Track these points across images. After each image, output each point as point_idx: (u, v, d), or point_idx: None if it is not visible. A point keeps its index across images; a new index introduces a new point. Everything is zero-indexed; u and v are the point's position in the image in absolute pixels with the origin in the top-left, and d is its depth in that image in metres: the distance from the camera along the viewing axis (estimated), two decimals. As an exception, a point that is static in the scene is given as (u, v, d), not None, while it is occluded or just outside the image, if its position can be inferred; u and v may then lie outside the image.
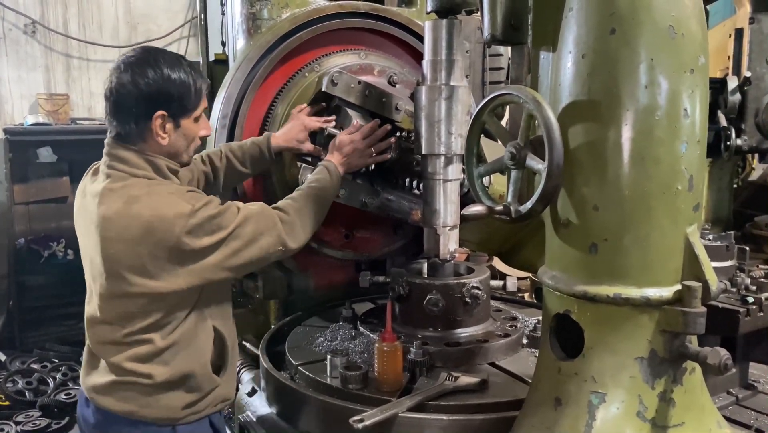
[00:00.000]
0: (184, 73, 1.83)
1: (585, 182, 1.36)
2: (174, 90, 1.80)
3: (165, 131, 1.82)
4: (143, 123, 1.80)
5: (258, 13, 2.51)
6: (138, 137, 1.81)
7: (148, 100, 1.78)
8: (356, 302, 2.49)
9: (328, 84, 2.23)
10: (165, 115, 1.80)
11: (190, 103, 1.85)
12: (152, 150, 1.83)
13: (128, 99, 1.77)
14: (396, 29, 2.67)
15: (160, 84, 1.78)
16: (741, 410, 1.80)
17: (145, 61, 1.80)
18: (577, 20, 1.37)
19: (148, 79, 1.77)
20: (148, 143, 1.82)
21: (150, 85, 1.77)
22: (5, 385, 4.62)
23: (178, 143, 1.86)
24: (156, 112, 1.79)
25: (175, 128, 1.84)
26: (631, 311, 1.34)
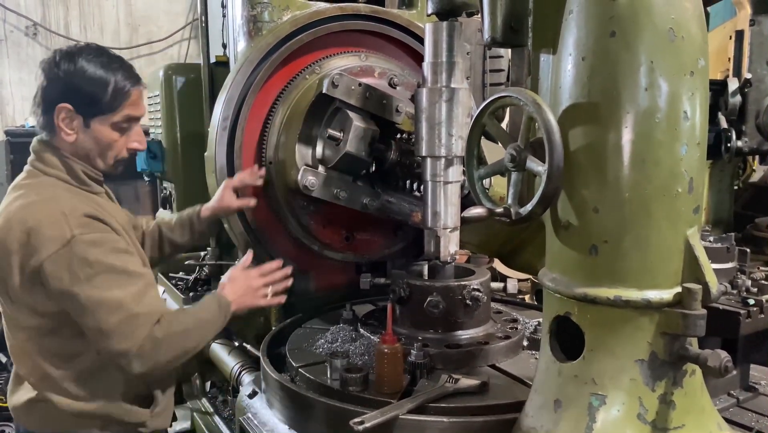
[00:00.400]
0: (104, 71, 1.74)
1: (585, 184, 1.36)
2: (84, 85, 1.73)
3: (71, 128, 1.75)
4: (49, 114, 1.75)
5: (259, 16, 2.52)
6: (47, 129, 1.78)
7: (54, 90, 1.73)
8: (357, 303, 2.49)
9: (329, 86, 2.23)
10: (69, 110, 1.74)
11: (103, 104, 1.76)
12: (63, 148, 1.78)
13: (40, 88, 1.75)
14: (397, 31, 2.68)
15: (70, 76, 1.72)
16: (742, 412, 1.80)
17: (67, 54, 1.75)
18: (577, 23, 1.37)
19: (58, 69, 1.72)
20: (58, 137, 1.77)
21: (59, 76, 1.72)
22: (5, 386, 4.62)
23: (86, 144, 1.78)
24: (59, 103, 1.73)
25: (84, 127, 1.77)
26: (631, 313, 1.34)
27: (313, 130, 2.39)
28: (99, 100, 1.75)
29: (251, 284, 1.98)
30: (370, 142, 2.26)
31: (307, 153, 2.40)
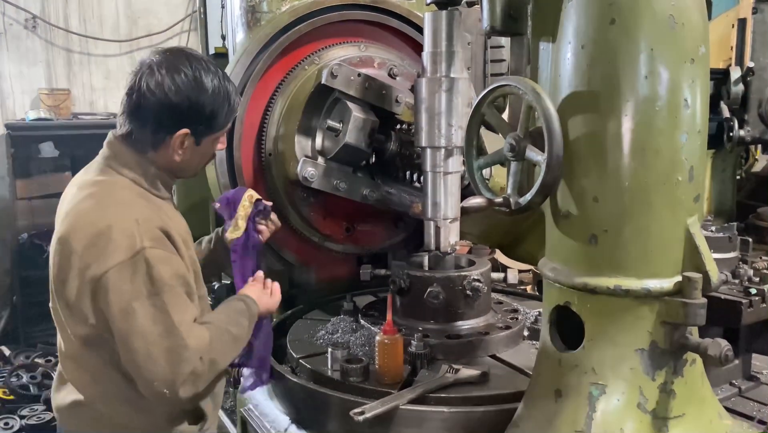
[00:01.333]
0: (222, 92, 1.64)
1: (585, 174, 1.36)
2: (207, 111, 1.62)
3: (183, 148, 1.65)
4: (162, 135, 1.63)
5: (257, 6, 2.51)
6: (149, 146, 1.65)
7: (175, 113, 1.60)
8: (357, 295, 2.50)
9: (328, 77, 2.22)
10: (188, 134, 1.64)
11: (220, 123, 1.68)
12: (156, 160, 1.67)
13: (153, 106, 1.59)
14: (396, 21, 2.66)
15: (192, 97, 1.60)
16: (743, 402, 1.79)
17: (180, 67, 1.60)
18: (576, 11, 1.36)
19: (180, 88, 1.58)
20: (158, 153, 1.66)
21: (180, 97, 1.59)
22: (9, 379, 4.64)
23: (192, 162, 1.71)
24: (180, 129, 1.62)
25: (195, 145, 1.67)
26: (631, 303, 1.34)
27: (313, 122, 2.38)
28: (219, 120, 1.67)
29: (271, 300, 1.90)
30: (370, 133, 2.25)
31: (306, 144, 2.39)
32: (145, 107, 1.61)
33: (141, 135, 1.65)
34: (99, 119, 6.10)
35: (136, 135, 1.66)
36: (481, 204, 1.54)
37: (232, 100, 1.70)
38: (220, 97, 1.66)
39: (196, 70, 1.62)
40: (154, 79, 1.59)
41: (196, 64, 1.64)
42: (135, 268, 1.52)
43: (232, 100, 1.70)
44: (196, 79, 1.61)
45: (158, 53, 1.66)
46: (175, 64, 1.61)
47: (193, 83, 1.61)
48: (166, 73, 1.60)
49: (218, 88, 1.65)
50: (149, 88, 1.59)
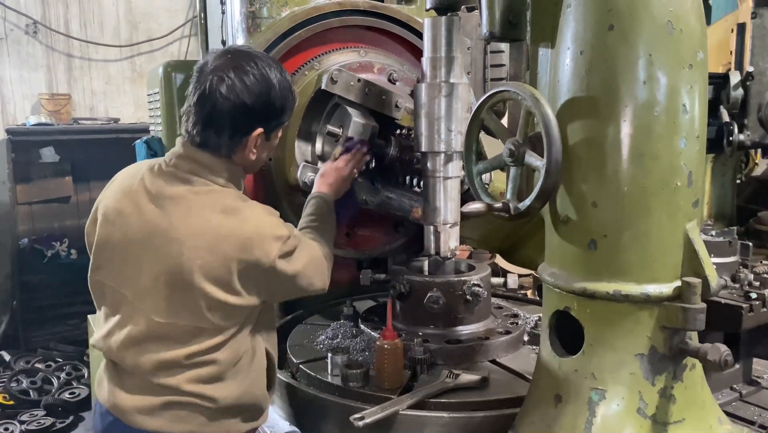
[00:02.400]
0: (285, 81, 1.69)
1: (584, 179, 1.36)
2: (275, 104, 1.67)
3: (257, 147, 1.71)
4: (239, 138, 1.67)
5: (257, 12, 2.51)
6: (227, 149, 1.68)
7: (252, 114, 1.64)
8: (357, 299, 2.50)
9: (328, 82, 2.22)
10: (262, 133, 1.68)
11: (288, 114, 1.75)
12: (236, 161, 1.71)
13: (229, 111, 1.62)
14: (396, 26, 2.67)
15: (265, 97, 1.64)
16: (744, 406, 1.79)
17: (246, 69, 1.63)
18: (575, 16, 1.36)
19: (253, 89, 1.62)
20: (236, 155, 1.70)
21: (255, 98, 1.63)
22: (9, 384, 4.64)
23: (262, 157, 1.77)
24: (256, 129, 1.66)
25: (265, 142, 1.73)
26: (630, 308, 1.34)
27: (313, 127, 2.38)
28: (283, 115, 1.74)
29: (342, 174, 2.09)
30: (370, 138, 2.25)
31: (306, 149, 2.40)
32: (221, 113, 1.63)
33: (218, 141, 1.67)
34: (99, 124, 6.11)
35: (213, 142, 1.67)
36: (480, 209, 1.54)
37: (294, 92, 1.78)
38: (286, 90, 1.72)
39: (261, 68, 1.66)
40: (225, 84, 1.62)
41: (259, 61, 1.67)
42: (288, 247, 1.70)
43: (294, 92, 1.78)
44: (264, 76, 1.65)
45: (220, 56, 1.67)
46: (241, 65, 1.64)
47: (262, 82, 1.65)
48: (235, 76, 1.62)
49: (283, 82, 1.70)
50: (222, 93, 1.61)
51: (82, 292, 1.86)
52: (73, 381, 4.80)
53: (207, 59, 1.69)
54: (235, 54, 1.69)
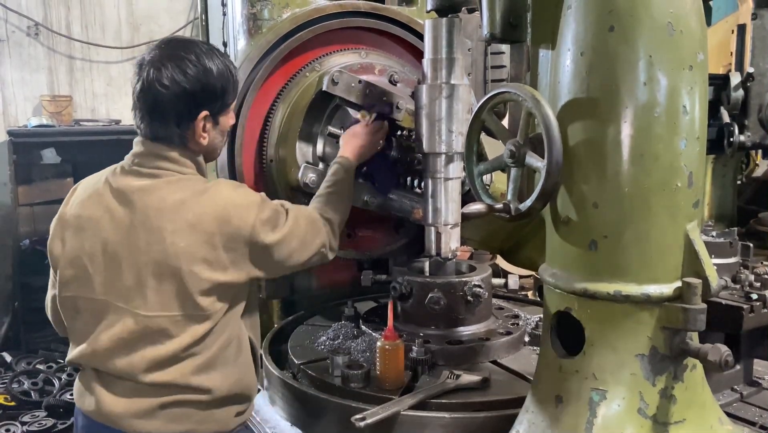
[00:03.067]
0: (222, 64, 1.71)
1: (584, 180, 1.36)
2: (217, 84, 1.69)
3: (205, 131, 1.73)
4: (185, 124, 1.69)
5: (258, 14, 2.52)
6: (179, 139, 1.71)
7: (192, 99, 1.67)
8: (358, 300, 2.50)
9: (329, 83, 2.22)
10: (207, 115, 1.71)
11: (230, 97, 1.77)
12: (192, 151, 1.75)
13: (169, 99, 1.64)
14: (396, 28, 2.68)
15: (203, 81, 1.67)
16: (745, 407, 1.79)
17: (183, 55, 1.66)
18: (575, 18, 1.37)
19: (190, 75, 1.65)
20: (190, 143, 1.73)
21: (193, 83, 1.65)
22: (11, 385, 4.64)
23: (215, 141, 1.79)
24: (200, 112, 1.69)
25: (214, 126, 1.76)
26: (631, 308, 1.34)
27: (314, 128, 2.39)
28: (229, 95, 1.77)
29: (372, 139, 2.16)
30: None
31: (307, 151, 2.40)
32: (162, 103, 1.66)
33: (167, 131, 1.71)
34: (101, 126, 6.12)
35: (162, 133, 1.71)
36: (481, 210, 1.55)
37: (235, 74, 1.79)
38: (226, 74, 1.74)
39: (197, 55, 1.69)
40: (162, 74, 1.65)
41: (195, 48, 1.71)
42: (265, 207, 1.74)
43: (234, 74, 1.78)
44: (199, 61, 1.68)
45: (156, 48, 1.71)
46: (177, 54, 1.68)
47: (198, 67, 1.67)
48: (171, 66, 1.65)
49: (220, 64, 1.72)
50: (162, 83, 1.64)
51: (84, 293, 1.85)
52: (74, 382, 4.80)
53: (144, 54, 1.73)
54: (169, 44, 1.73)
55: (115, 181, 1.73)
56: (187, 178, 1.72)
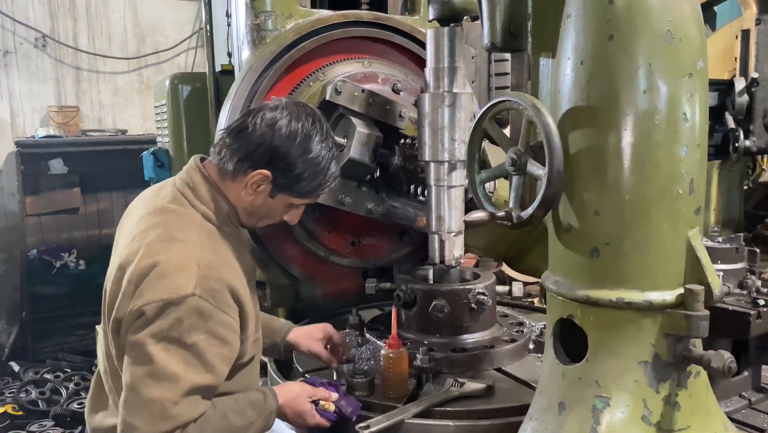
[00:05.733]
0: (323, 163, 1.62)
1: (585, 187, 1.37)
2: (300, 170, 1.60)
3: (256, 191, 1.62)
4: (245, 166, 1.60)
5: (262, 24, 2.54)
6: (230, 172, 1.62)
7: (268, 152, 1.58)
8: (363, 308, 2.50)
9: (332, 93, 2.24)
10: (268, 177, 1.60)
11: (303, 188, 1.65)
12: (228, 192, 1.64)
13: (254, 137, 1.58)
14: (399, 37, 2.69)
15: (293, 153, 1.59)
16: (754, 414, 1.78)
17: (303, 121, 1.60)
18: (575, 27, 1.37)
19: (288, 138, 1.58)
20: (234, 186, 1.63)
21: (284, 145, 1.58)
22: (18, 395, 4.66)
23: (259, 210, 1.67)
24: (266, 168, 1.59)
25: (270, 196, 1.64)
26: (634, 315, 1.34)
27: (318, 137, 2.40)
28: (301, 184, 1.63)
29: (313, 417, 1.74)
30: (374, 147, 2.27)
31: (311, 159, 2.41)
32: (247, 134, 1.60)
33: (227, 160, 1.62)
34: (107, 136, 6.17)
35: (222, 159, 1.63)
36: (483, 218, 1.55)
37: (328, 177, 1.67)
38: (318, 166, 1.63)
39: (313, 129, 1.61)
40: (272, 114, 1.60)
41: (318, 124, 1.63)
42: (176, 310, 1.46)
43: (327, 177, 1.67)
44: (307, 134, 1.60)
45: (293, 102, 1.67)
46: (299, 114, 1.62)
47: (302, 136, 1.59)
48: (285, 116, 1.60)
49: (320, 156, 1.62)
50: (262, 118, 1.60)
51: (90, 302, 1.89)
52: (81, 391, 4.82)
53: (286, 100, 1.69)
54: (305, 106, 1.69)
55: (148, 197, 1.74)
56: (185, 213, 1.61)
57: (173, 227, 1.57)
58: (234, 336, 1.56)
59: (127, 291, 1.51)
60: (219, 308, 1.51)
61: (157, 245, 1.53)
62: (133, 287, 1.50)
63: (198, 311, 1.47)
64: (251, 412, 1.61)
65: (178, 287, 1.47)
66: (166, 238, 1.54)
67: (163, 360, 1.45)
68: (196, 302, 1.47)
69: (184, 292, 1.46)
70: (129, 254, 1.55)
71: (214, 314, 1.49)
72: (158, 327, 1.46)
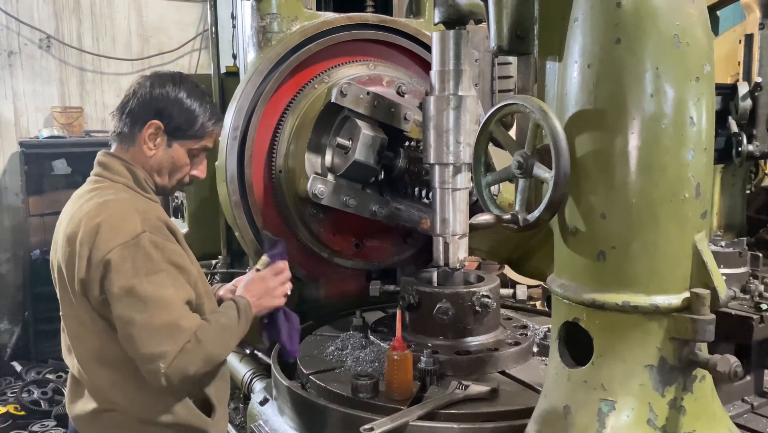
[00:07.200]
0: (198, 105, 1.85)
1: (592, 190, 1.37)
2: (180, 112, 1.83)
3: (155, 144, 1.83)
4: (139, 126, 1.82)
5: (268, 26, 2.55)
6: (129, 139, 1.84)
7: (151, 106, 1.81)
8: (367, 311, 2.50)
9: (338, 95, 2.25)
10: (159, 127, 1.82)
11: (191, 131, 1.86)
12: (135, 160, 1.84)
13: (137, 101, 1.82)
14: (404, 40, 2.70)
15: (170, 100, 1.82)
16: (756, 418, 1.78)
17: (170, 79, 1.86)
18: (582, 30, 1.38)
19: (162, 90, 1.82)
20: (135, 150, 1.84)
21: (160, 97, 1.82)
22: (21, 395, 4.67)
23: (162, 161, 1.85)
24: (152, 119, 1.81)
25: (166, 146, 1.85)
26: (639, 319, 1.34)
27: (322, 139, 2.41)
28: (188, 127, 1.85)
29: (268, 285, 1.94)
30: (379, 150, 2.28)
31: (316, 161, 2.42)
32: (128, 104, 1.83)
33: (123, 130, 1.84)
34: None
35: (120, 130, 1.85)
36: (489, 221, 1.55)
37: (208, 120, 1.87)
38: (195, 105, 1.85)
39: (182, 86, 1.85)
40: (144, 83, 1.85)
41: (185, 83, 1.87)
42: (136, 249, 1.65)
43: (207, 115, 1.87)
44: (179, 91, 1.84)
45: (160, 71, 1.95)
46: (167, 78, 1.87)
47: (174, 89, 1.84)
48: (155, 81, 1.85)
49: (196, 99, 1.86)
50: (135, 91, 1.84)
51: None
52: (84, 392, 4.82)
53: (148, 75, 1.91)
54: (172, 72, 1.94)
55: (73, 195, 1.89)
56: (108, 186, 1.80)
57: (104, 194, 1.76)
58: (185, 261, 1.78)
59: (82, 253, 1.67)
60: (167, 239, 1.73)
61: (96, 210, 1.70)
62: (87, 248, 1.66)
63: (154, 243, 1.68)
64: (231, 311, 1.82)
65: (129, 231, 1.66)
66: (101, 203, 1.72)
67: (155, 291, 1.64)
68: (149, 237, 1.67)
69: (137, 231, 1.66)
70: (72, 226, 1.72)
71: (166, 245, 1.71)
72: (134, 268, 1.64)
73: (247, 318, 1.83)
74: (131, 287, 1.63)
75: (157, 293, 1.64)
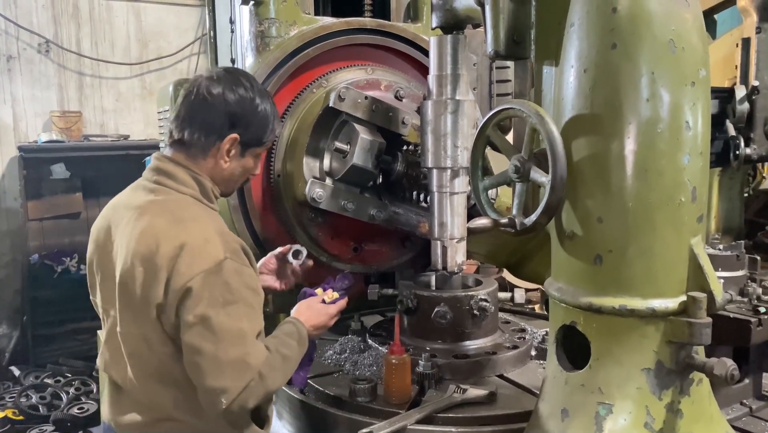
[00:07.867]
0: (268, 106, 1.78)
1: (589, 195, 1.38)
2: (256, 120, 1.76)
3: (230, 156, 1.75)
4: (213, 139, 1.73)
5: (266, 31, 2.55)
6: (200, 151, 1.74)
7: (230, 117, 1.72)
8: (365, 314, 2.51)
9: (336, 99, 2.25)
10: (236, 139, 1.73)
11: (264, 138, 1.80)
12: (203, 170, 1.75)
13: (210, 109, 1.71)
14: (402, 44, 2.70)
15: (246, 108, 1.74)
16: (755, 421, 1.79)
17: (239, 81, 1.76)
18: (578, 35, 1.39)
19: (235, 95, 1.72)
20: (206, 161, 1.74)
21: (237, 105, 1.72)
22: (19, 399, 4.66)
23: (235, 172, 1.79)
24: (232, 133, 1.72)
25: (239, 156, 1.78)
26: (636, 322, 1.34)
27: (321, 143, 2.41)
28: (262, 135, 1.79)
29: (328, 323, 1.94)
30: (377, 154, 2.28)
31: (314, 165, 2.42)
32: (202, 111, 1.72)
33: (194, 141, 1.73)
34: (110, 141, 6.18)
35: (188, 141, 1.74)
36: (486, 225, 1.56)
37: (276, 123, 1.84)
38: (265, 108, 1.79)
39: (253, 88, 1.77)
40: (214, 87, 1.72)
41: (254, 83, 1.80)
42: (217, 277, 1.59)
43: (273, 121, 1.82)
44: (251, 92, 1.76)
45: (218, 70, 1.81)
46: (236, 79, 1.76)
47: (247, 93, 1.75)
48: (226, 84, 1.73)
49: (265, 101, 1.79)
50: (210, 92, 1.72)
51: (91, 308, 1.89)
52: (82, 396, 4.81)
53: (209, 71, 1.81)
54: (234, 71, 1.83)
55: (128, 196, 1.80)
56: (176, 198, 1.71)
57: (175, 211, 1.68)
58: (259, 285, 1.73)
59: (160, 276, 1.59)
60: (244, 264, 1.67)
61: (174, 230, 1.62)
62: (165, 272, 1.59)
63: (235, 270, 1.62)
64: (292, 341, 1.78)
65: (212, 256, 1.60)
66: (176, 221, 1.64)
67: (230, 324, 1.59)
68: (231, 264, 1.62)
69: (219, 258, 1.60)
70: (147, 245, 1.62)
71: (243, 270, 1.66)
72: (212, 297, 1.58)
73: (303, 349, 1.82)
74: (207, 317, 1.57)
75: (230, 325, 1.59)
